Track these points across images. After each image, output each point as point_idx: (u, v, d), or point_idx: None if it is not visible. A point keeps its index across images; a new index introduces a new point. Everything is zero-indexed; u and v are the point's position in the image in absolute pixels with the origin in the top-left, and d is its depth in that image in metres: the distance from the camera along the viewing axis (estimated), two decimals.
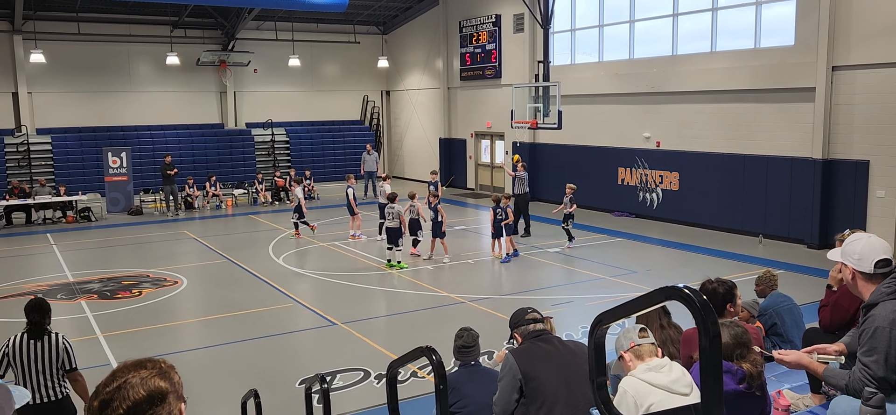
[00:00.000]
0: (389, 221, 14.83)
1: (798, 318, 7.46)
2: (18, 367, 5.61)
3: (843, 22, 15.14)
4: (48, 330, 5.75)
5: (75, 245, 18.01)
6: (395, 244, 14.69)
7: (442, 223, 15.42)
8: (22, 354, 5.61)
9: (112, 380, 1.87)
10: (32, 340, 5.66)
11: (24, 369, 5.61)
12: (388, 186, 17.50)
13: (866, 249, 3.58)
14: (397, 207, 14.82)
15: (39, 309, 5.75)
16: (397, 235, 14.69)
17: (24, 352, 5.62)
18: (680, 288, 2.33)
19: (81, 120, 26.40)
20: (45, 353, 5.66)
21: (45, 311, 5.78)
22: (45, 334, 5.71)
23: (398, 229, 14.70)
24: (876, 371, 3.42)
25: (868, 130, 14.99)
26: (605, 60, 21.55)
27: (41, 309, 5.75)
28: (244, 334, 10.73)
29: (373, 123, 31.99)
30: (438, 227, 15.40)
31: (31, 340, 5.66)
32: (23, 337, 5.67)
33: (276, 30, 28.26)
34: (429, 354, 4.01)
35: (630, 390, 3.61)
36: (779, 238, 16.62)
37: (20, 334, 5.68)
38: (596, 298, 12.07)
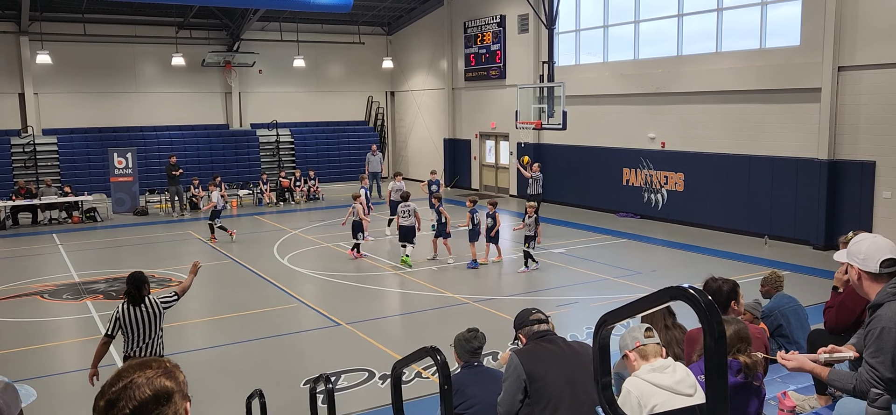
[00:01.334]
0: (404, 219, 15.04)
1: (803, 319, 7.44)
2: (127, 328, 6.75)
3: (849, 22, 15.09)
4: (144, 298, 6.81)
5: (81, 245, 18.07)
6: (409, 242, 14.92)
7: (446, 224, 15.42)
8: (128, 318, 6.73)
9: (118, 380, 1.87)
10: (134, 306, 6.76)
11: (131, 329, 6.75)
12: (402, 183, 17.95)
13: (872, 249, 3.56)
14: (412, 205, 15.15)
15: (135, 282, 6.83)
16: (412, 233, 14.94)
17: (130, 316, 6.74)
18: (685, 288, 2.32)
19: (87, 121, 26.49)
20: (146, 313, 6.78)
21: (140, 283, 6.83)
22: (142, 300, 6.79)
23: (412, 227, 14.96)
24: (883, 372, 3.41)
25: (874, 130, 14.93)
26: (610, 61, 21.52)
27: (136, 282, 6.82)
28: (249, 334, 10.75)
29: (377, 123, 32.01)
30: (443, 227, 15.40)
31: (134, 306, 6.76)
32: (126, 305, 6.78)
33: (281, 30, 28.31)
34: (433, 354, 4.01)
35: (634, 390, 3.61)
36: (784, 239, 16.57)
37: (124, 303, 6.81)
38: (600, 299, 12.06)
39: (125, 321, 6.75)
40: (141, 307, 6.79)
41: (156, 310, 6.86)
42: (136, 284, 6.83)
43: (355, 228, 15.72)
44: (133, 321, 6.75)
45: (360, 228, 15.77)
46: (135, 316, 6.76)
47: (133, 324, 6.75)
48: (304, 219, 21.87)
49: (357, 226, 15.70)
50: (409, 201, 15.20)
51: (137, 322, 6.75)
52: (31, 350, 10.28)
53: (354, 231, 15.72)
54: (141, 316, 6.76)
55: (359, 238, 15.77)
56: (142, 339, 6.79)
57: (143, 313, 6.78)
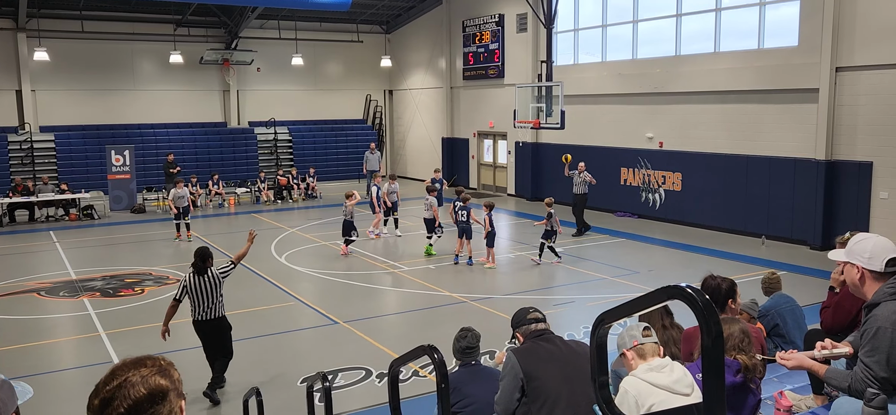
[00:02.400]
0: (426, 211, 15.92)
1: (800, 319, 7.45)
2: (193, 294, 8.16)
3: (847, 23, 15.11)
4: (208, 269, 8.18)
5: (78, 243, 18.04)
6: (433, 232, 15.91)
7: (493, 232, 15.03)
8: (195, 286, 8.14)
9: (112, 378, 1.86)
10: (199, 276, 8.15)
11: (197, 296, 8.16)
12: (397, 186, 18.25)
13: (877, 248, 3.57)
14: (432, 198, 15.96)
15: (201, 255, 8.21)
16: (433, 224, 15.92)
17: (196, 285, 8.14)
18: (682, 287, 2.32)
19: (85, 118, 26.44)
20: (209, 283, 8.17)
21: (205, 256, 8.23)
22: (206, 271, 8.17)
23: (433, 219, 15.90)
24: (878, 372, 3.41)
25: (872, 131, 14.96)
26: (609, 60, 21.53)
27: (202, 256, 8.21)
28: (246, 332, 10.74)
29: (375, 122, 31.99)
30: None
31: (198, 276, 8.15)
32: (193, 274, 8.17)
33: (280, 28, 28.27)
34: (430, 352, 4.01)
35: (631, 389, 3.61)
36: (781, 239, 16.59)
37: (191, 273, 8.19)
38: (598, 298, 12.07)
39: (191, 289, 8.13)
40: (204, 277, 8.13)
41: (216, 280, 8.22)
42: (202, 257, 8.18)
43: (347, 227, 16.01)
44: (197, 289, 8.12)
45: (352, 227, 16.09)
46: (199, 284, 8.13)
47: (197, 291, 8.12)
48: (302, 217, 21.85)
49: (348, 225, 16.01)
50: (431, 195, 16.05)
51: (201, 290, 8.12)
52: (28, 347, 10.26)
53: (346, 230, 16.03)
54: (204, 285, 8.14)
55: (352, 235, 16.11)
56: (206, 304, 8.16)
57: (205, 282, 8.14)
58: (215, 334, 8.37)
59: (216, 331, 8.36)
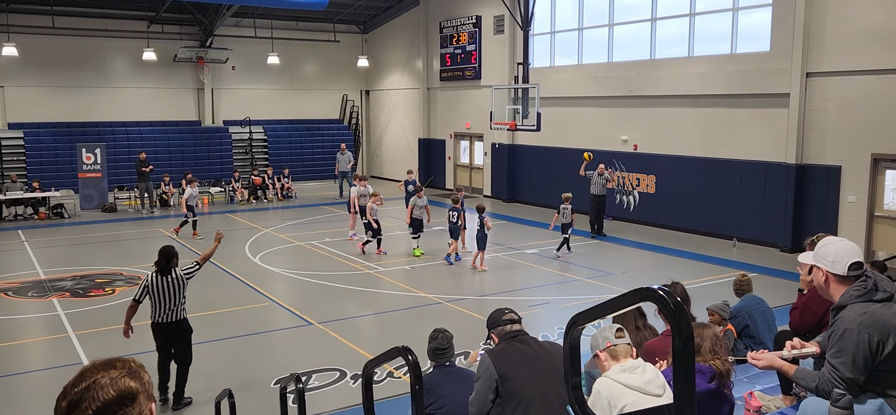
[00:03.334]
0: (417, 212, 15.78)
1: (770, 320, 7.58)
2: (154, 295, 7.84)
3: (817, 30, 15.37)
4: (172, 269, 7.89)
5: (47, 242, 17.74)
6: (420, 233, 15.90)
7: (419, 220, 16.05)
8: (156, 286, 7.82)
9: (80, 380, 1.84)
10: (162, 276, 7.84)
11: (158, 296, 7.83)
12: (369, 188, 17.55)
13: (840, 252, 3.64)
14: (425, 199, 15.89)
15: (165, 255, 7.91)
16: (421, 226, 15.86)
17: (157, 285, 7.82)
18: (654, 289, 2.35)
19: (55, 115, 25.98)
20: (172, 284, 7.87)
21: (169, 256, 7.91)
22: (169, 271, 7.87)
23: (422, 221, 15.85)
24: (844, 372, 3.48)
25: (840, 135, 15.23)
26: (585, 63, 21.68)
27: (165, 255, 7.90)
28: (219, 333, 10.64)
29: (352, 122, 31.88)
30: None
31: (161, 276, 7.84)
32: (155, 274, 7.86)
33: (255, 27, 28.05)
34: (405, 354, 4.01)
35: (604, 390, 3.64)
36: (752, 242, 16.83)
37: (153, 272, 7.88)
38: (572, 299, 12.14)
39: (153, 289, 7.83)
40: (168, 278, 7.85)
41: (180, 281, 7.93)
42: (166, 256, 7.90)
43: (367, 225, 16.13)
44: (160, 289, 7.83)
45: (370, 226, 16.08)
46: (162, 285, 7.83)
47: (160, 292, 7.82)
48: (277, 217, 21.71)
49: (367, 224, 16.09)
50: (422, 196, 15.92)
51: (164, 291, 7.83)
52: None
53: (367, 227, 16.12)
54: (167, 285, 7.84)
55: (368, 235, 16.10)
56: (168, 305, 7.87)
57: (169, 283, 7.85)
58: (175, 338, 8.04)
59: (176, 334, 8.04)
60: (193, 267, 8.14)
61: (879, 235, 14.83)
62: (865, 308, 3.49)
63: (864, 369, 3.47)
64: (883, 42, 14.27)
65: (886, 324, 3.44)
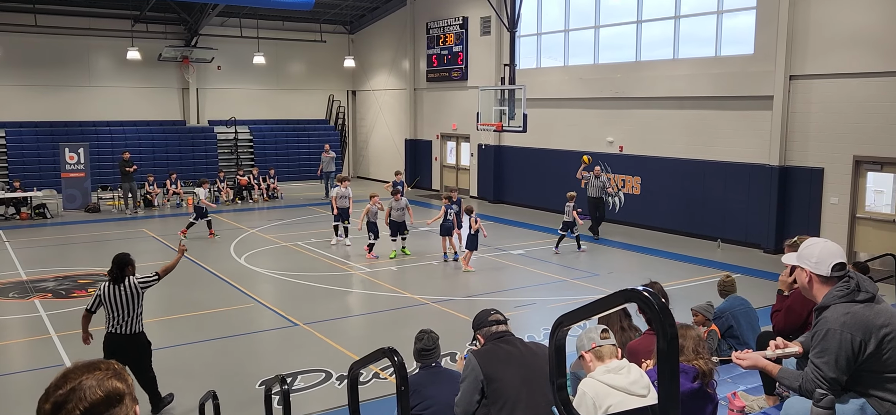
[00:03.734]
0: (395, 214, 15.54)
1: (754, 320, 7.64)
2: (107, 305, 7.38)
3: (800, 33, 15.52)
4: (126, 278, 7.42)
5: (29, 243, 17.55)
6: (400, 234, 15.67)
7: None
8: (109, 296, 7.36)
9: (64, 382, 1.82)
10: (115, 285, 7.38)
11: (112, 307, 7.37)
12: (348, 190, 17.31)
13: (824, 253, 3.68)
14: (404, 200, 15.60)
15: (118, 263, 7.45)
16: (402, 227, 15.65)
17: (110, 295, 7.36)
18: (639, 291, 2.36)
19: (38, 114, 25.71)
20: (125, 293, 7.38)
21: (123, 264, 7.46)
22: (123, 280, 7.40)
23: (404, 223, 15.63)
24: (827, 372, 3.51)
25: (823, 138, 15.38)
26: (571, 65, 21.75)
27: (118, 263, 7.44)
28: (203, 334, 10.58)
29: (338, 122, 31.80)
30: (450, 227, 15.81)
31: (114, 285, 7.38)
32: (108, 283, 7.41)
33: (241, 27, 27.92)
34: (390, 355, 4.00)
35: (589, 391, 3.66)
36: (736, 243, 16.95)
37: (107, 282, 7.45)
38: (558, 300, 12.18)
39: (106, 299, 7.38)
40: (121, 287, 7.39)
41: (135, 291, 7.44)
42: (120, 264, 7.45)
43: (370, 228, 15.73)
44: (113, 299, 7.36)
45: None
46: (115, 294, 7.37)
47: (113, 302, 7.36)
48: (263, 218, 21.61)
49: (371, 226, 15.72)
50: (401, 198, 15.59)
51: (117, 300, 7.36)
52: None
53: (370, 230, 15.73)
54: (121, 295, 7.37)
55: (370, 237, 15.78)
56: (121, 316, 7.40)
57: (122, 292, 7.38)
58: (130, 352, 7.42)
59: (132, 348, 7.49)
60: (152, 277, 7.69)
61: (861, 237, 14.99)
62: (848, 309, 3.53)
63: (846, 369, 3.51)
64: (865, 45, 14.43)
65: (869, 324, 3.48)
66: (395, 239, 15.79)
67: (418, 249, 16.30)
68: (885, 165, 14.48)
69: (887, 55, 14.07)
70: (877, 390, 3.53)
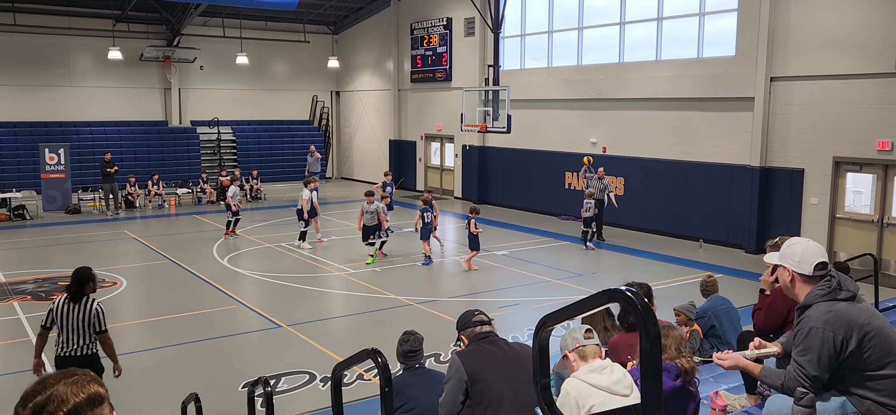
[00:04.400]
0: (367, 218, 15.15)
1: (735, 320, 7.70)
2: (60, 323, 6.61)
3: (781, 35, 15.67)
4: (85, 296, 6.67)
5: (8, 244, 17.33)
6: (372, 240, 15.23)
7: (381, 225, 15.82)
8: (62, 313, 6.60)
9: (42, 387, 1.82)
10: (71, 303, 6.61)
11: (64, 325, 6.61)
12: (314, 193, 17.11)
13: (806, 253, 3.71)
14: (377, 204, 15.22)
15: (77, 277, 6.66)
16: (375, 231, 15.21)
17: (64, 312, 6.60)
18: (622, 291, 2.37)
19: (17, 114, 25.40)
20: (81, 315, 6.60)
21: (83, 280, 6.68)
22: (81, 298, 6.64)
23: (376, 228, 15.20)
24: (809, 370, 3.55)
25: (803, 139, 15.55)
26: (555, 66, 21.82)
27: (78, 278, 6.67)
28: (186, 336, 10.50)
29: (322, 123, 31.70)
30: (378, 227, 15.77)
31: (71, 302, 6.61)
32: (65, 299, 6.65)
33: (224, 27, 27.74)
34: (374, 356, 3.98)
35: (572, 391, 3.67)
36: (718, 243, 17.09)
37: (63, 297, 6.67)
38: (542, 300, 12.21)
39: (58, 315, 6.63)
40: (77, 306, 6.62)
41: (92, 313, 6.64)
42: (80, 280, 6.68)
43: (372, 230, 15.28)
44: (67, 317, 6.60)
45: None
46: (69, 312, 6.61)
47: (66, 320, 6.60)
48: (246, 219, 21.47)
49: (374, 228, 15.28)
50: (373, 202, 15.24)
51: (71, 319, 6.59)
52: None
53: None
54: (75, 314, 6.59)
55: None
56: (73, 338, 6.60)
57: (78, 312, 6.60)
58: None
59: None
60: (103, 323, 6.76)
61: (840, 237, 15.16)
62: (830, 307, 3.56)
63: (828, 367, 3.54)
64: (844, 48, 14.60)
65: (850, 322, 3.52)
66: (371, 243, 15.26)
67: (403, 251, 16.27)
68: (864, 165, 14.66)
69: (866, 57, 14.25)
70: (858, 388, 3.57)
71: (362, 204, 15.48)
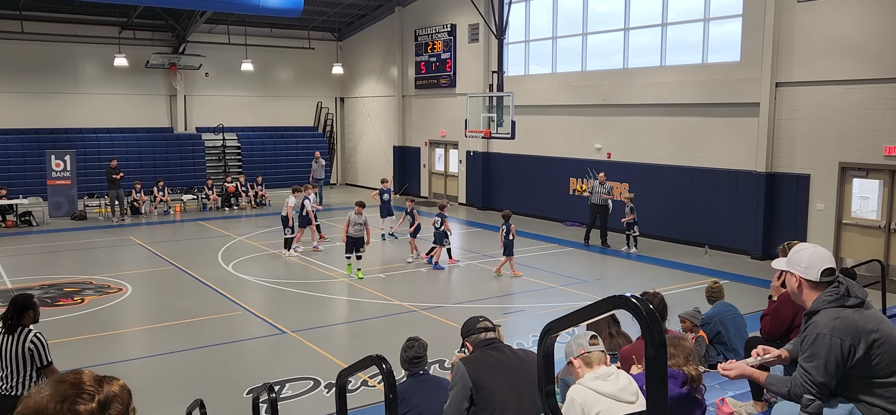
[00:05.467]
0: (353, 230, 14.53)
1: (741, 327, 7.66)
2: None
3: (786, 40, 15.64)
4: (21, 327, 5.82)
5: (15, 250, 17.39)
6: (355, 251, 14.52)
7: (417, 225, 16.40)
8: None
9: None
10: (6, 334, 5.80)
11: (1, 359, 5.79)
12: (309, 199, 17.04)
13: (813, 258, 3.69)
14: (365, 215, 14.61)
15: (14, 305, 5.84)
16: (360, 244, 14.53)
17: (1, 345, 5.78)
18: (627, 297, 2.36)
19: (24, 121, 25.51)
20: (14, 348, 5.76)
21: (20, 308, 5.83)
22: (17, 329, 5.80)
23: (361, 239, 14.53)
24: (816, 376, 3.52)
25: (809, 144, 15.50)
26: (559, 72, 21.82)
27: (15, 305, 5.83)
28: (191, 342, 10.50)
29: (326, 129, 31.74)
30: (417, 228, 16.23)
31: (6, 334, 5.80)
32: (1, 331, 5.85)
33: (229, 33, 27.84)
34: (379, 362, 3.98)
35: (578, 397, 3.65)
36: (724, 249, 17.03)
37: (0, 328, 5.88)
38: (546, 307, 12.18)
39: None
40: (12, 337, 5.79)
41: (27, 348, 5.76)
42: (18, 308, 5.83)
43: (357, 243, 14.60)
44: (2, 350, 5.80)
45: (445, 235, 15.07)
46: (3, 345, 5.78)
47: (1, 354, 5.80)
48: (251, 225, 21.52)
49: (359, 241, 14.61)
50: (361, 212, 14.66)
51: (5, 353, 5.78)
52: None
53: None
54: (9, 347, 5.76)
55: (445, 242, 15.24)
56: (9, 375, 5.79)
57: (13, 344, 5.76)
58: None
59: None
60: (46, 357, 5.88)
61: (847, 243, 15.10)
62: (838, 314, 3.54)
63: (835, 374, 3.51)
64: (850, 53, 14.56)
65: (858, 329, 3.49)
66: (350, 256, 14.58)
67: (407, 255, 16.24)
68: (871, 171, 14.61)
69: (872, 62, 14.21)
70: (866, 395, 3.54)
71: (350, 214, 14.71)
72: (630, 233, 17.14)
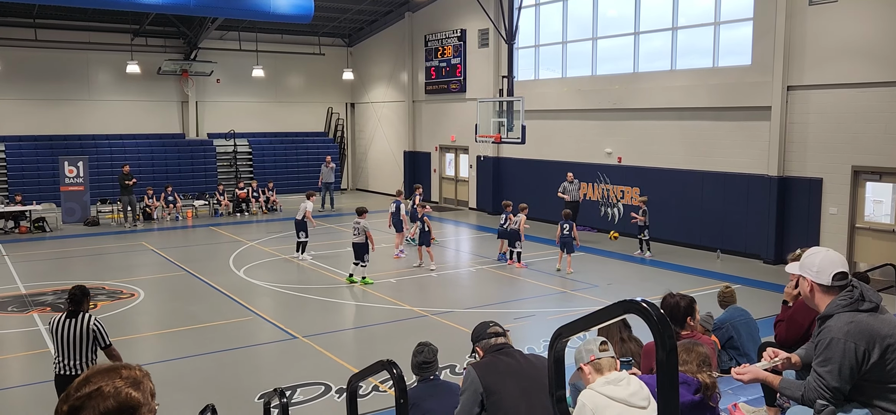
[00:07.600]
0: (355, 236, 14.48)
1: (754, 332, 7.61)
2: (57, 341, 6.69)
3: (797, 44, 15.56)
4: (82, 312, 6.73)
5: (28, 256, 17.52)
6: (360, 259, 14.43)
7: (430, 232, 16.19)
8: (60, 330, 6.67)
9: (85, 384, 1.85)
10: (69, 319, 6.68)
11: (61, 343, 6.68)
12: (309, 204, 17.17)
13: (825, 262, 3.66)
14: (364, 222, 14.50)
15: (76, 293, 6.75)
16: (364, 250, 14.42)
17: (62, 328, 6.67)
18: (638, 302, 2.35)
19: (37, 128, 25.76)
20: (77, 330, 6.64)
21: (81, 296, 6.76)
22: (79, 314, 6.69)
23: (365, 244, 14.39)
24: (830, 381, 3.49)
25: (821, 148, 15.40)
26: (569, 76, 21.80)
27: (78, 294, 6.74)
28: (202, 347, 10.54)
29: (337, 135, 31.84)
30: (426, 235, 15.99)
31: (68, 319, 6.68)
32: (62, 316, 6.74)
33: (240, 40, 28.00)
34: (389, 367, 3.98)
35: (589, 403, 3.63)
36: (736, 253, 16.93)
37: (62, 314, 6.76)
38: (557, 312, 12.15)
39: (55, 332, 6.73)
40: (73, 321, 6.68)
41: (89, 331, 6.67)
42: (74, 299, 6.73)
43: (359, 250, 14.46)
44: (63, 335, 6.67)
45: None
46: (65, 330, 6.67)
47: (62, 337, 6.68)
48: (262, 230, 21.59)
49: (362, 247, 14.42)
50: (362, 218, 14.53)
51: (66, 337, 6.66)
52: None
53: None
54: (71, 330, 6.66)
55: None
56: (69, 357, 6.68)
57: (73, 328, 6.65)
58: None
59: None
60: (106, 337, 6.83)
61: (860, 247, 14.98)
62: (852, 318, 3.51)
63: (849, 379, 3.48)
64: (861, 56, 14.47)
65: (873, 334, 3.46)
66: (357, 264, 14.41)
67: (416, 261, 16.23)
68: (884, 174, 14.49)
69: (884, 65, 14.11)
70: (880, 400, 3.50)
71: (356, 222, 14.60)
72: (642, 237, 17.11)
